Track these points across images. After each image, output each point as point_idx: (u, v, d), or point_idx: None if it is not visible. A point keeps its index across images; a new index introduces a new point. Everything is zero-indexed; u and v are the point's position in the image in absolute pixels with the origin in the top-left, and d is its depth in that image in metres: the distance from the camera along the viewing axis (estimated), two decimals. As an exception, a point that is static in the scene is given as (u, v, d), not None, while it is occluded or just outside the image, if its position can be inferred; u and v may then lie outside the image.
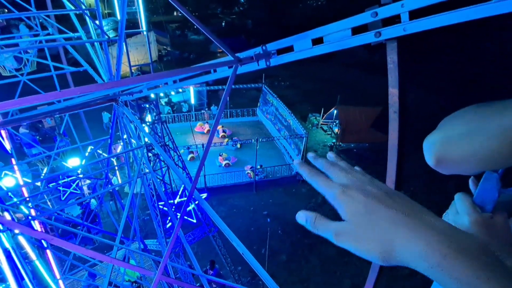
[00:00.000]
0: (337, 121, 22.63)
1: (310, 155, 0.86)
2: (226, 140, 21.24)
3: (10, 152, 9.54)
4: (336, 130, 22.75)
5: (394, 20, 1.72)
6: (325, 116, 23.73)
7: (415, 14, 1.65)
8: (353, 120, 21.51)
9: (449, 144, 0.84)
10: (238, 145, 20.79)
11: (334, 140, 22.37)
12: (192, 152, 19.07)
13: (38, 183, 10.37)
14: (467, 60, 29.93)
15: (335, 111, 22.65)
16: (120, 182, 14.96)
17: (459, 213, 0.90)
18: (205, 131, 21.91)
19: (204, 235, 12.01)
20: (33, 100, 1.91)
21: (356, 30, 1.90)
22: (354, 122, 21.44)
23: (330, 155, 0.86)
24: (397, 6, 1.68)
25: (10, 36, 9.70)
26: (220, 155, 19.13)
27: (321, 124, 24.12)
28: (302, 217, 0.73)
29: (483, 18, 1.37)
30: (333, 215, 0.72)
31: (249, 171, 18.32)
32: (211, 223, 11.82)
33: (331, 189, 0.70)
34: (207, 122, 22.85)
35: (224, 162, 18.75)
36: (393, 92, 1.81)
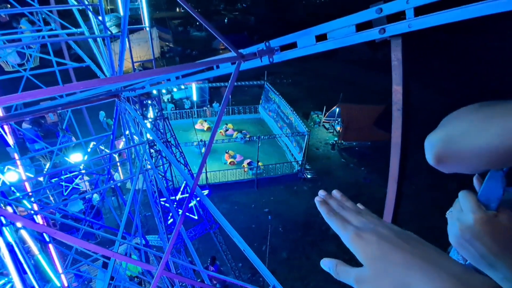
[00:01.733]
0: (339, 119, 22.58)
1: (321, 194, 0.89)
2: (235, 133, 21.57)
3: (13, 147, 9.56)
4: (338, 128, 22.70)
5: (399, 16, 1.71)
6: (327, 114, 23.68)
7: (420, 11, 1.64)
8: (355, 118, 21.44)
9: (451, 142, 0.83)
10: (247, 137, 20.99)
11: (336, 138, 22.33)
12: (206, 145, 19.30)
13: (41, 178, 10.43)
14: (472, 58, 29.71)
15: (337, 109, 22.59)
16: (122, 178, 15.02)
17: (463, 211, 0.89)
18: (205, 129, 21.92)
19: (205, 231, 12.05)
20: (36, 94, 1.91)
21: (361, 27, 1.89)
22: (356, 120, 21.38)
23: (335, 193, 0.90)
24: (402, 2, 1.66)
25: (13, 32, 9.70)
26: (227, 152, 19.18)
27: (323, 122, 24.07)
28: (326, 264, 0.76)
29: (490, 15, 1.36)
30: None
31: (244, 164, 18.44)
32: (212, 220, 11.86)
33: (345, 231, 0.73)
34: (205, 120, 22.81)
35: (229, 160, 18.81)
36: (397, 90, 1.80)
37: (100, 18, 5.09)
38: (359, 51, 34.12)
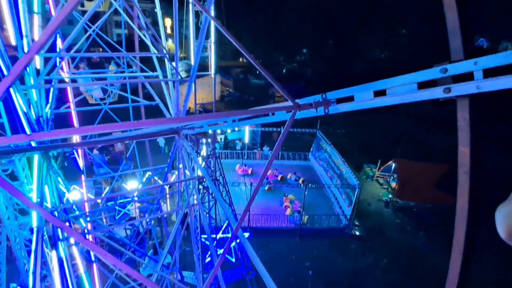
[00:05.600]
0: (395, 175, 21.20)
1: None
2: (289, 175, 22.12)
3: (82, 169, 10.65)
4: (393, 184, 21.24)
5: (465, 77, 1.64)
6: (382, 168, 22.44)
7: (489, 72, 1.56)
8: (413, 176, 19.93)
9: None
10: (301, 180, 21.05)
11: (390, 195, 20.79)
12: (270, 183, 20.66)
13: (99, 201, 11.32)
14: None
15: (394, 164, 21.34)
16: (169, 209, 15.56)
17: None
18: (249, 172, 22.18)
19: (241, 277, 11.60)
20: (114, 127, 2.17)
21: (423, 85, 1.85)
22: (415, 179, 19.82)
23: None
24: (470, 63, 1.60)
25: (100, 71, 11.42)
26: (286, 196, 19.24)
27: (377, 176, 22.78)
28: None
29: None
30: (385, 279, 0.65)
31: (288, 205, 18.16)
32: (249, 265, 11.43)
33: None
34: (245, 165, 22.71)
35: (285, 204, 18.71)
36: (464, 152, 1.66)
37: (174, 64, 5.77)
38: (421, 106, 32.73)
